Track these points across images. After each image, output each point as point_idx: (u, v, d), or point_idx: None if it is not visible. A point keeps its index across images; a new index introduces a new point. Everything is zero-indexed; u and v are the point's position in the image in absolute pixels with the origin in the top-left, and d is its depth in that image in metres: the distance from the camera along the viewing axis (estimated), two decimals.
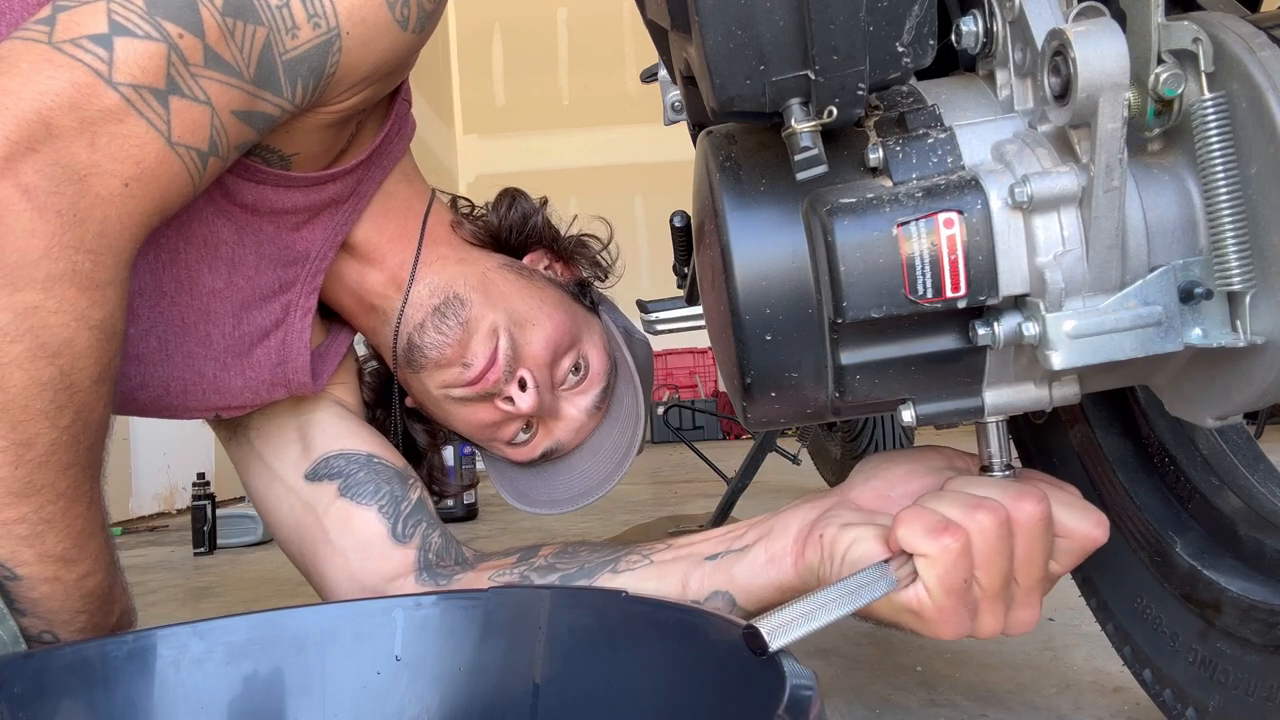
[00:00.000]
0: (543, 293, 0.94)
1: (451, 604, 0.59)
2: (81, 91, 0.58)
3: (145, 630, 0.58)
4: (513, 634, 0.58)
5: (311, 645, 0.59)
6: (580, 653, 0.55)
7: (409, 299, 0.90)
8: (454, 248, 0.93)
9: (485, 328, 0.89)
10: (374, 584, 0.84)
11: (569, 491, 1.00)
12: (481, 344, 0.89)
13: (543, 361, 0.91)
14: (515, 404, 0.90)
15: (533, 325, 0.91)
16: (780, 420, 0.57)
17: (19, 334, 0.55)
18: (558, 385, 0.94)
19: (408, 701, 0.58)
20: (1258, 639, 0.55)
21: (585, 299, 1.01)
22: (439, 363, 0.90)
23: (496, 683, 0.57)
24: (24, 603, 0.59)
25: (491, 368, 0.89)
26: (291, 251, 0.83)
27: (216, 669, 0.57)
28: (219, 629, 0.58)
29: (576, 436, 0.97)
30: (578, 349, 0.95)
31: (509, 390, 0.90)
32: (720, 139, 0.55)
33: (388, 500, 0.86)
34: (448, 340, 0.89)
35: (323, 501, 0.86)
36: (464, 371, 0.90)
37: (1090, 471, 0.71)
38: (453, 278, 0.90)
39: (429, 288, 0.90)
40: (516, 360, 0.90)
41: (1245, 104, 0.43)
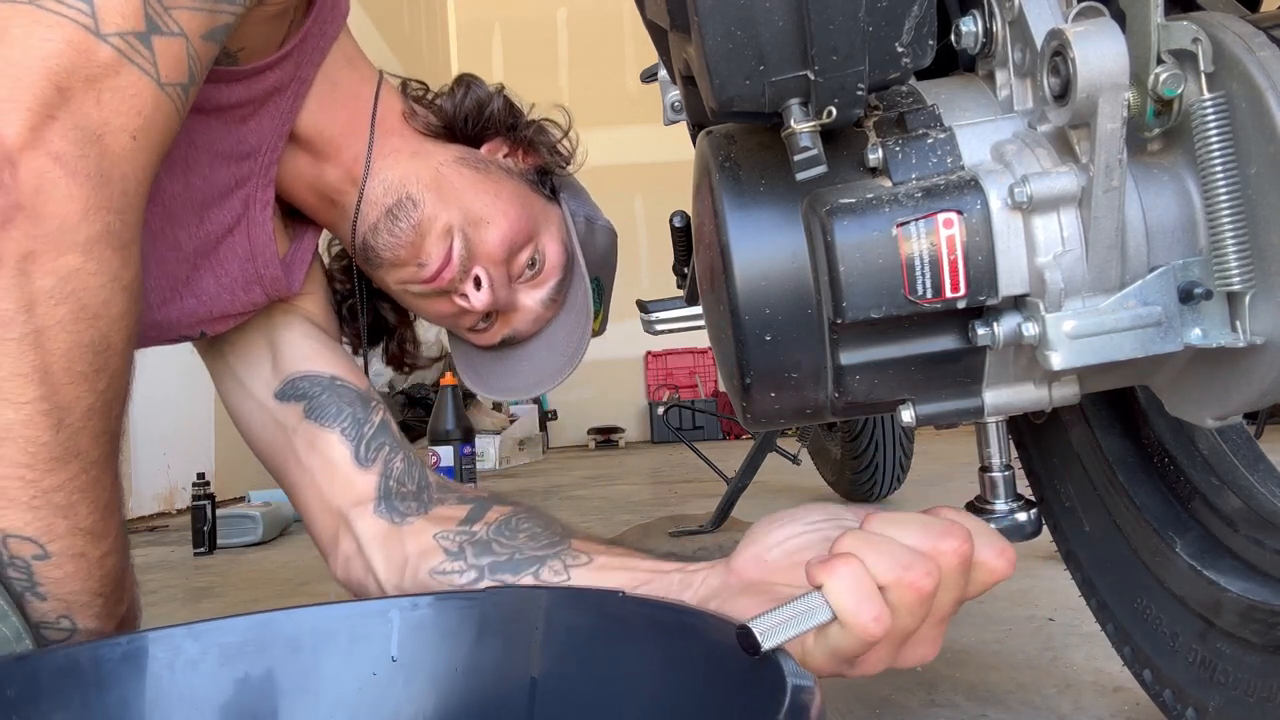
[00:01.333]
0: (499, 186, 0.94)
1: (447, 604, 0.59)
2: (79, 49, 0.58)
3: (140, 632, 0.58)
4: (509, 634, 0.58)
5: (307, 646, 0.59)
6: (577, 653, 0.55)
7: (364, 196, 0.90)
8: (407, 140, 0.93)
9: (439, 228, 0.91)
10: (339, 506, 0.85)
11: (524, 380, 1.04)
12: (435, 244, 0.91)
13: (498, 258, 0.93)
14: (470, 301, 0.93)
15: (488, 223, 0.92)
16: (780, 420, 0.57)
17: (63, 296, 0.56)
18: (514, 279, 0.96)
19: (404, 702, 0.58)
20: (1258, 639, 0.55)
21: (545, 187, 1.01)
22: (394, 262, 0.92)
23: (493, 683, 0.57)
24: (47, 583, 0.60)
25: (446, 267, 0.91)
26: (243, 145, 0.83)
27: (211, 671, 0.57)
28: (214, 630, 0.58)
29: (533, 326, 1.00)
30: (534, 243, 0.96)
31: (464, 288, 0.93)
32: (720, 139, 0.55)
33: (350, 423, 0.87)
34: (400, 242, 0.90)
35: (290, 421, 0.88)
36: (419, 271, 0.92)
37: (1090, 471, 0.71)
38: (405, 175, 0.91)
39: (383, 185, 0.91)
40: (471, 259, 0.92)
41: (1245, 104, 0.43)
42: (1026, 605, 1.20)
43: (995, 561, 0.54)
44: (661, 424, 6.21)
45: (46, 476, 0.58)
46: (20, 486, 0.57)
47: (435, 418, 2.60)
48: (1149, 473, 0.67)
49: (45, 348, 0.56)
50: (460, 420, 2.60)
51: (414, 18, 6.26)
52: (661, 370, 7.17)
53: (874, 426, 2.08)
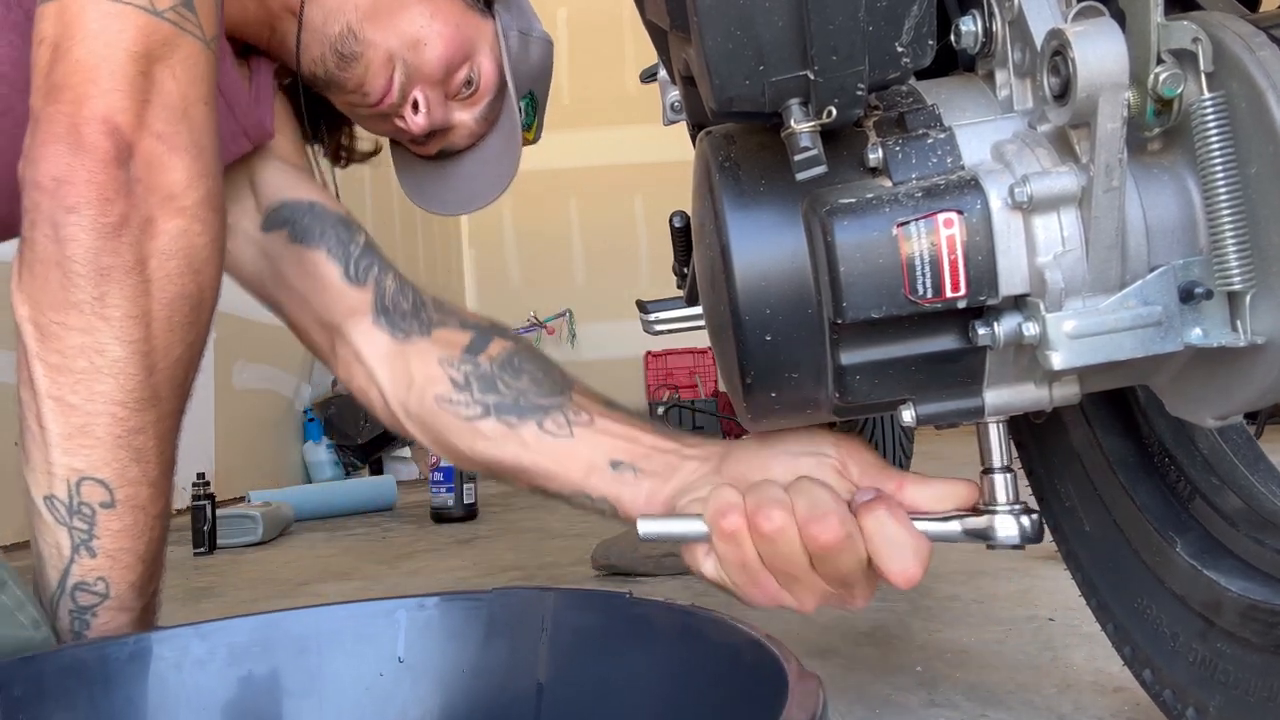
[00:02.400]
0: (434, 5, 0.98)
1: (454, 605, 0.60)
2: (146, 33, 0.64)
3: (146, 632, 0.58)
4: (516, 635, 0.58)
5: (313, 647, 0.59)
6: (584, 654, 0.55)
7: (304, 24, 0.94)
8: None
9: (380, 58, 0.96)
10: (333, 319, 0.87)
11: (461, 195, 1.11)
12: (377, 75, 0.96)
13: (436, 79, 0.99)
14: (408, 123, 0.99)
15: (425, 45, 0.97)
16: (780, 420, 0.57)
17: (175, 252, 0.64)
18: (450, 97, 1.02)
19: (410, 703, 0.58)
20: (1258, 639, 0.55)
21: (479, 1, 1.05)
22: (339, 89, 0.98)
23: (500, 684, 0.57)
24: (103, 536, 0.62)
25: (386, 95, 0.97)
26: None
27: (218, 671, 0.57)
28: (221, 630, 0.58)
29: (468, 140, 1.07)
30: (471, 62, 1.01)
31: (403, 111, 0.99)
32: (720, 139, 0.55)
33: (335, 243, 0.89)
34: (344, 75, 0.96)
35: (277, 249, 0.90)
36: (363, 98, 0.98)
37: (1090, 471, 0.71)
38: (343, 1, 0.94)
39: (322, 12, 0.94)
40: (410, 83, 0.98)
41: (1245, 104, 0.43)
42: (1026, 605, 1.20)
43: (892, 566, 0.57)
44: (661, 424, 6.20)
45: (134, 415, 0.62)
46: (109, 424, 0.62)
47: None
48: (1149, 473, 0.67)
49: (154, 295, 0.63)
50: None
51: None
52: (661, 370, 7.16)
53: (874, 426, 2.08)
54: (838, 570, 0.57)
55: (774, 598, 0.60)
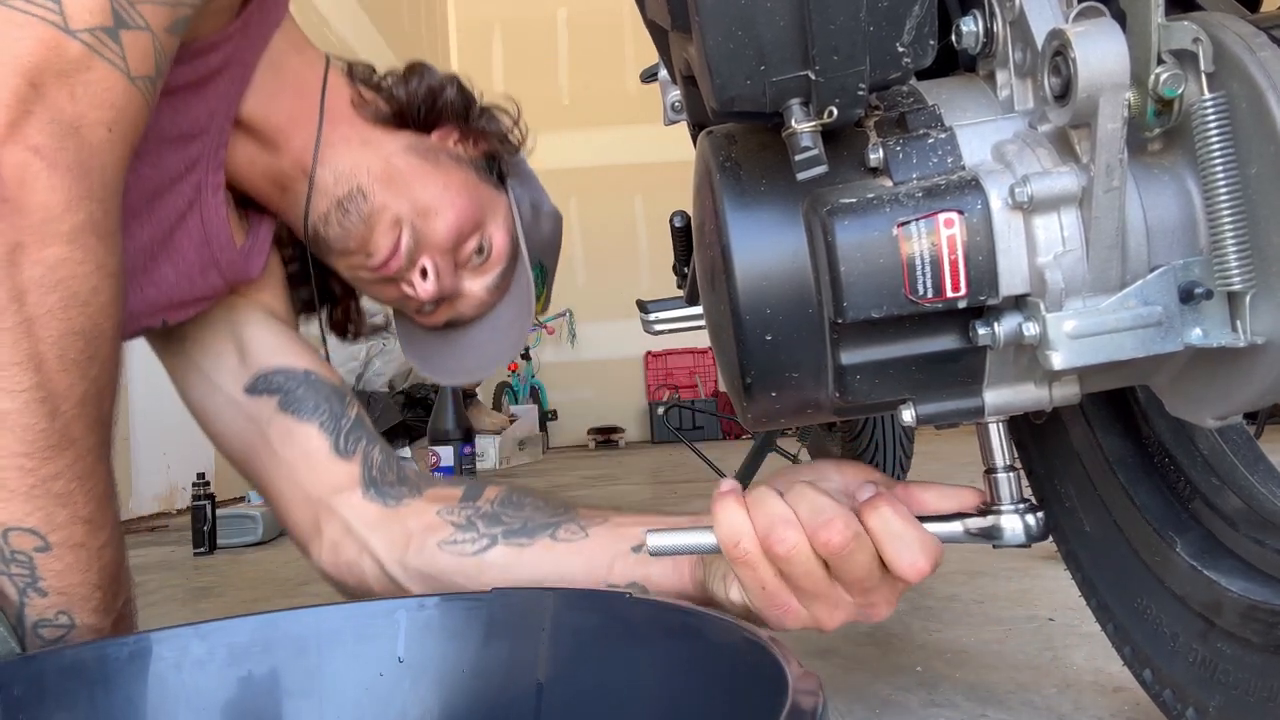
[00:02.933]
0: (448, 176, 0.96)
1: (454, 605, 0.59)
2: (49, 47, 0.60)
3: (145, 632, 0.58)
4: (516, 635, 0.58)
5: (313, 647, 0.59)
6: (584, 654, 0.55)
7: (314, 185, 0.92)
8: (357, 129, 0.94)
9: (387, 219, 0.92)
10: (320, 495, 0.86)
11: (467, 365, 1.07)
12: (384, 236, 0.93)
13: (445, 247, 0.96)
14: (416, 291, 0.96)
15: (436, 214, 0.94)
16: (780, 420, 0.57)
17: (52, 285, 0.57)
18: (460, 265, 0.99)
19: (410, 703, 0.58)
20: (1258, 639, 0.55)
21: (493, 173, 1.03)
22: (343, 251, 0.94)
23: (500, 685, 0.57)
24: (48, 576, 0.60)
25: (393, 258, 0.93)
26: (190, 127, 0.83)
27: (218, 671, 0.57)
28: (221, 630, 0.58)
29: (477, 310, 1.03)
30: (481, 231, 0.98)
31: (411, 277, 0.95)
32: (720, 139, 0.55)
33: (327, 416, 0.88)
34: (349, 234, 0.92)
35: (264, 415, 0.88)
36: (367, 260, 0.94)
37: (1090, 471, 0.71)
38: (355, 165, 0.92)
39: (333, 174, 0.92)
40: (419, 250, 0.94)
41: (1245, 104, 0.43)
42: (1026, 605, 1.20)
43: (901, 561, 0.57)
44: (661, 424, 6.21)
45: (44, 465, 0.58)
46: (19, 476, 0.58)
47: (435, 418, 2.60)
48: (1149, 473, 0.67)
49: (37, 335, 0.57)
50: (460, 420, 2.60)
51: (414, 18, 6.26)
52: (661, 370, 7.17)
53: (874, 426, 2.07)
54: (854, 574, 0.57)
55: (800, 618, 0.60)
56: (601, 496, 3.00)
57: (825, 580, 0.58)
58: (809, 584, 0.58)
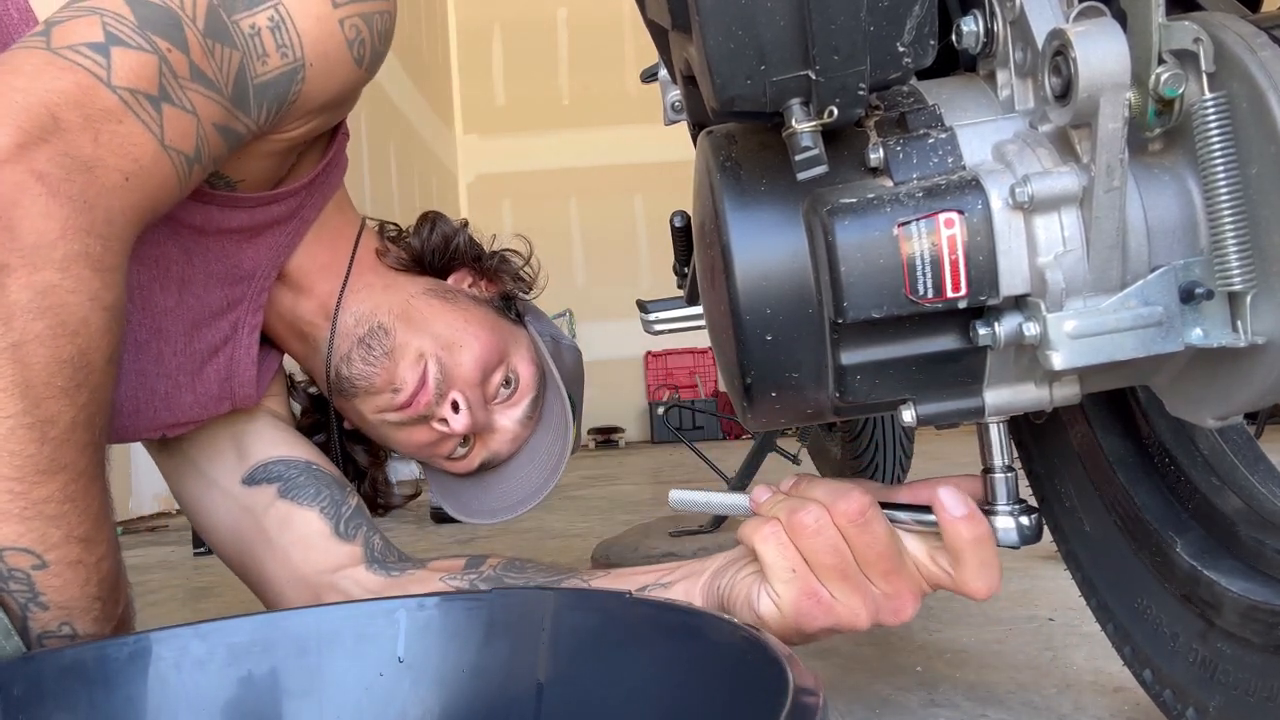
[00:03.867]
0: (468, 313, 0.97)
1: (454, 605, 0.59)
2: (85, 90, 0.61)
3: (145, 632, 0.58)
4: (516, 635, 0.58)
5: (313, 647, 0.59)
6: (584, 654, 0.55)
7: (336, 328, 0.92)
8: (380, 275, 0.96)
9: (411, 354, 0.92)
10: (317, 577, 0.86)
11: (507, 500, 1.03)
12: (409, 370, 0.92)
13: (473, 380, 0.94)
14: (449, 425, 0.94)
15: (460, 347, 0.94)
16: (781, 421, 0.57)
17: (40, 311, 0.56)
18: (490, 400, 0.97)
19: (410, 704, 0.58)
20: (1258, 639, 0.55)
21: (510, 312, 1.04)
22: (369, 390, 0.93)
23: (500, 684, 0.57)
24: (47, 592, 0.60)
25: (421, 391, 0.92)
26: (238, 270, 0.85)
27: (218, 671, 0.57)
28: (221, 630, 0.58)
29: (512, 446, 1.01)
30: (506, 363, 0.98)
31: (442, 412, 0.93)
32: (720, 139, 0.55)
33: (328, 502, 0.89)
34: (375, 370, 0.92)
35: (261, 503, 0.89)
36: (394, 397, 0.93)
37: (1090, 471, 0.71)
38: (377, 306, 0.93)
39: (354, 317, 0.93)
40: (447, 383, 0.93)
41: (1246, 104, 0.43)
42: (1026, 605, 1.20)
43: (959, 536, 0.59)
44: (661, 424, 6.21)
45: (35, 489, 0.58)
46: (10, 499, 0.57)
47: None
48: (1149, 473, 0.67)
49: (25, 362, 0.56)
50: None
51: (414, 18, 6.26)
52: (661, 370, 7.17)
53: (874, 426, 2.07)
54: (875, 549, 0.60)
55: (831, 611, 0.62)
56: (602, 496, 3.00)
57: (851, 560, 0.61)
58: (834, 560, 0.60)
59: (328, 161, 0.88)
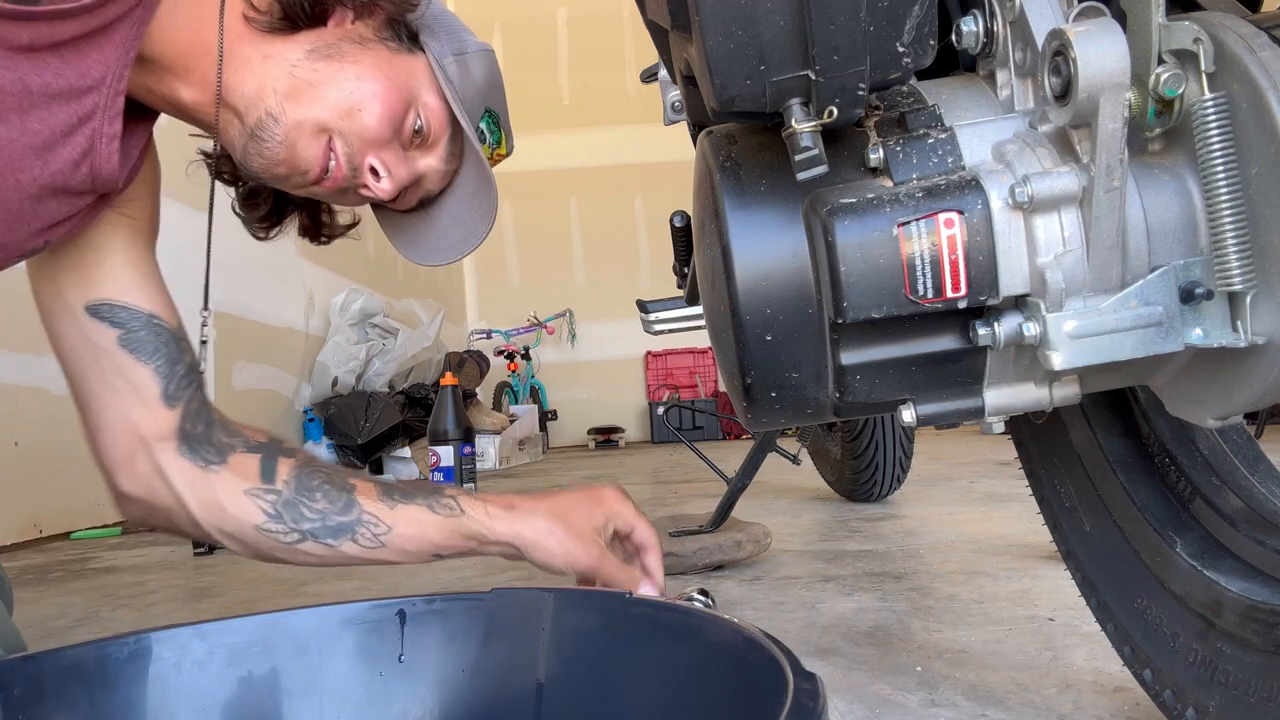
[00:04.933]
0: (359, 64, 0.92)
1: (455, 606, 0.60)
2: None
3: (145, 631, 0.58)
4: (516, 635, 0.58)
5: (314, 647, 0.59)
6: (584, 654, 0.55)
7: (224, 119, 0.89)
8: (256, 45, 0.89)
9: (309, 131, 0.89)
10: (134, 440, 0.89)
11: (451, 240, 1.05)
12: (309, 148, 0.89)
13: (384, 138, 0.92)
14: (374, 192, 0.93)
15: (359, 109, 0.90)
16: (781, 421, 0.57)
17: None
18: (407, 148, 0.96)
19: (411, 704, 0.58)
20: (1258, 640, 0.55)
21: (403, 39, 0.97)
22: (276, 179, 0.92)
23: (500, 684, 0.57)
24: None
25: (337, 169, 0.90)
26: (84, 80, 0.80)
27: (218, 671, 0.57)
28: (221, 630, 0.58)
29: (444, 180, 1.01)
30: (414, 105, 0.95)
31: (363, 181, 0.92)
32: (720, 139, 0.55)
33: (163, 361, 0.90)
34: (274, 160, 0.89)
35: (101, 342, 0.89)
36: (304, 178, 0.91)
37: (1090, 471, 0.71)
38: (261, 86, 0.88)
39: (243, 103, 0.88)
40: (359, 153, 0.91)
41: (1246, 104, 0.43)
42: (1026, 605, 1.20)
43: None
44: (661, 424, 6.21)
45: None
46: None
47: (435, 418, 2.60)
48: (1149, 473, 0.67)
49: None
50: (460, 420, 2.60)
51: None
52: (661, 370, 7.17)
53: (874, 426, 2.08)
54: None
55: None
56: None
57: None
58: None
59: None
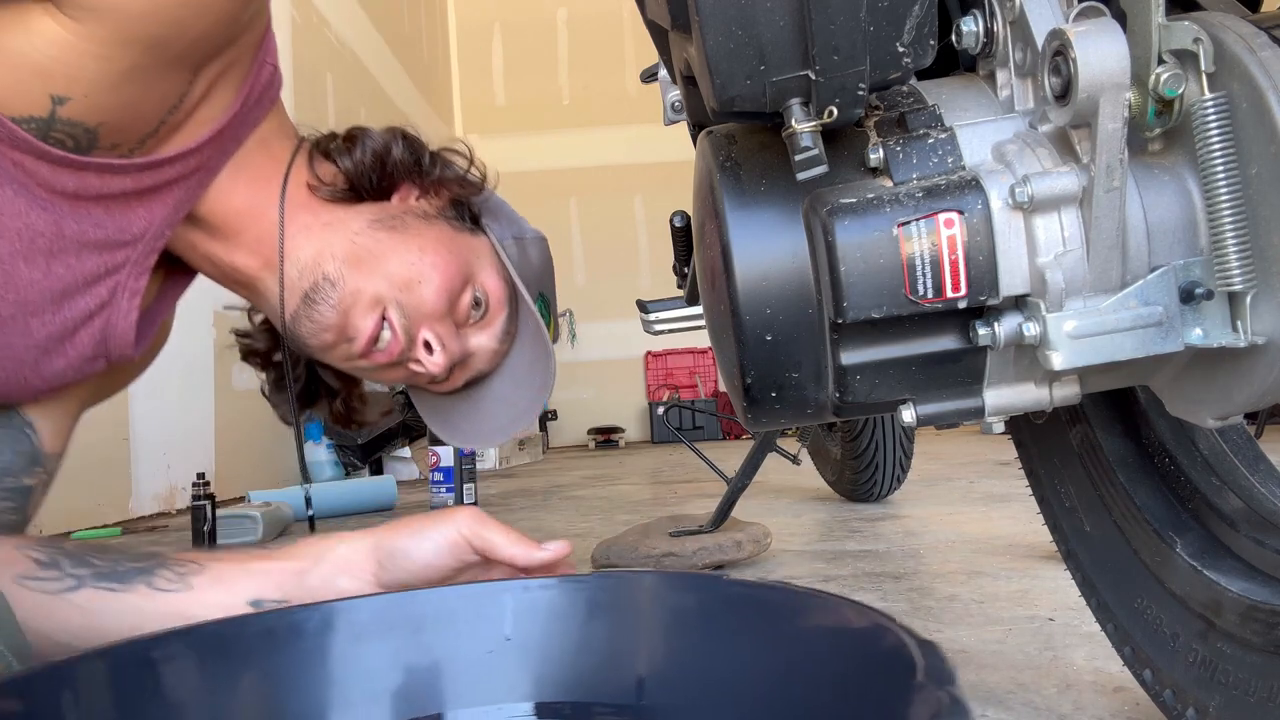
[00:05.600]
0: (421, 238, 0.89)
1: (556, 588, 0.63)
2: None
3: (276, 610, 0.60)
4: (616, 614, 0.61)
5: (429, 625, 0.61)
6: (684, 632, 0.58)
7: (284, 284, 0.85)
8: (317, 213, 0.87)
9: (365, 300, 0.86)
10: None
11: (497, 422, 1.00)
12: (362, 317, 0.86)
13: (440, 313, 0.89)
14: (425, 367, 0.89)
15: (419, 281, 0.87)
16: (781, 421, 0.57)
17: None
18: (461, 325, 0.92)
19: (518, 679, 0.61)
20: (1258, 640, 0.55)
21: (465, 220, 0.96)
22: (323, 347, 0.88)
23: (602, 661, 0.61)
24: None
25: (394, 341, 0.87)
26: (122, 235, 0.76)
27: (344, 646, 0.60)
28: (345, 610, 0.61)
29: (492, 363, 0.97)
30: (472, 283, 0.92)
31: (416, 355, 0.89)
32: (720, 139, 0.55)
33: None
34: (323, 326, 0.86)
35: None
36: (350, 346, 0.87)
37: (1090, 471, 0.71)
38: (319, 252, 0.85)
39: (298, 268, 0.85)
40: (414, 325, 0.88)
41: (1246, 104, 0.43)
42: (1026, 605, 1.20)
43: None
44: (661, 424, 6.21)
45: None
46: None
47: None
48: (1149, 473, 0.67)
49: None
50: None
51: (414, 18, 6.26)
52: (661, 370, 7.16)
53: (874, 426, 2.08)
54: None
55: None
56: (602, 496, 2.99)
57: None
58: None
59: (240, 107, 0.77)
